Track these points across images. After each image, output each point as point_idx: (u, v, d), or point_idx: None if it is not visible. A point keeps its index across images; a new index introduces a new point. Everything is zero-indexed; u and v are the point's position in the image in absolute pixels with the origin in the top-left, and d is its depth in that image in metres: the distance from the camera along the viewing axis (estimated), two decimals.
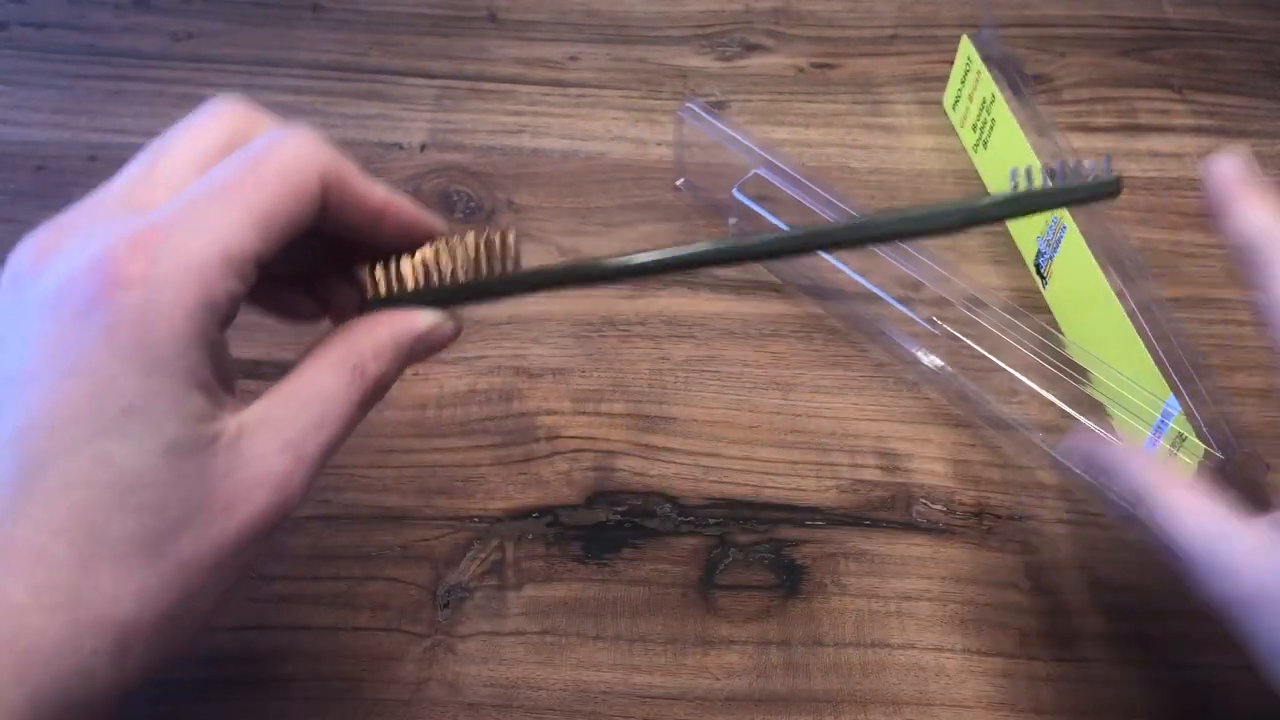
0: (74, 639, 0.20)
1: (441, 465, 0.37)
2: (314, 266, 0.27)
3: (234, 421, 0.22)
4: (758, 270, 0.43)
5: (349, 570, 0.34)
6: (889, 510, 0.36)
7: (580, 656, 0.32)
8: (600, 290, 0.43)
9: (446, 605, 0.33)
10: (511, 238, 0.26)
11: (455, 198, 0.46)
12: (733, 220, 0.45)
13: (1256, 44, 0.55)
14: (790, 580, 0.34)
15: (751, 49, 0.54)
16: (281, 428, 0.22)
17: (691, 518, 0.36)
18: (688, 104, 0.44)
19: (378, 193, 0.24)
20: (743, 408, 0.39)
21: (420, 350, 0.26)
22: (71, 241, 0.21)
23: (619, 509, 0.36)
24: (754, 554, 0.35)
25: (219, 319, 0.21)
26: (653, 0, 0.56)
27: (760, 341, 0.41)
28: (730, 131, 0.42)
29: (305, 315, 0.28)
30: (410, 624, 0.33)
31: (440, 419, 0.38)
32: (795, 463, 0.37)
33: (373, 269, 0.26)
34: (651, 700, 0.31)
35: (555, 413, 0.38)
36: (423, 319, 0.26)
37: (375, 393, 0.25)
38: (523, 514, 0.36)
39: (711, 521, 0.36)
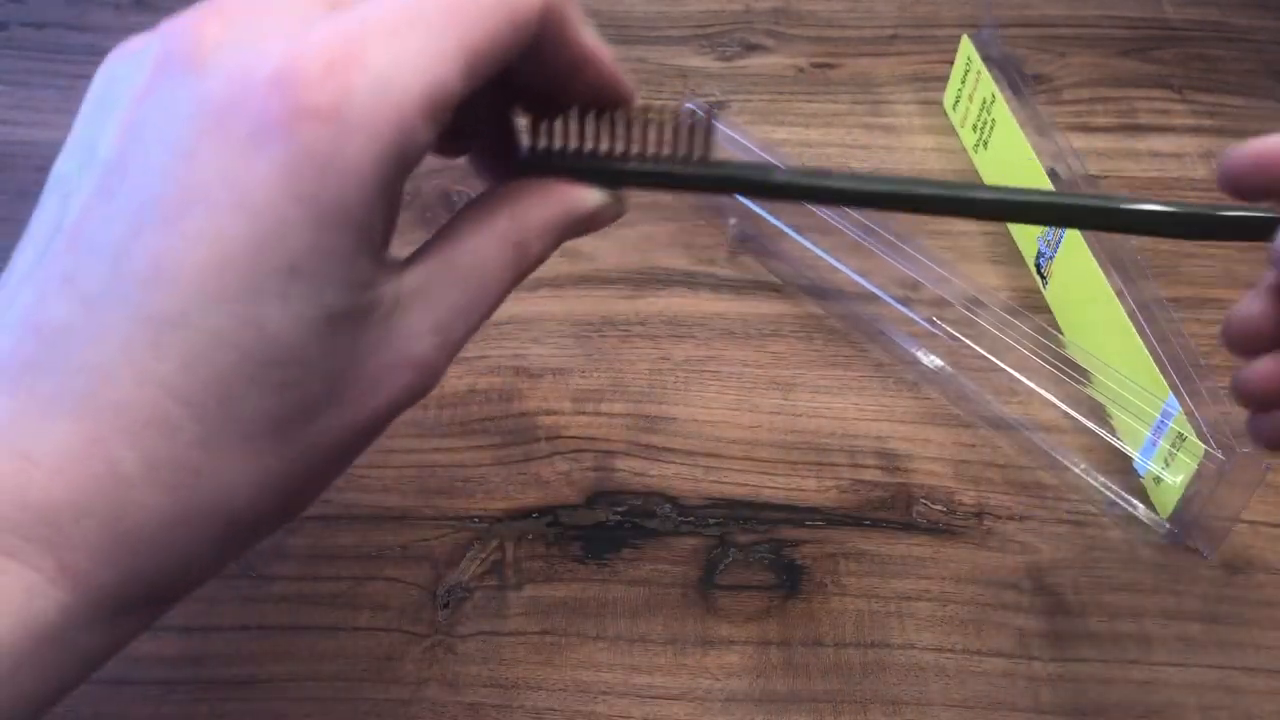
0: (184, 526, 0.17)
1: (441, 465, 0.37)
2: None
3: (391, 290, 0.19)
4: (758, 270, 0.43)
5: (349, 570, 0.34)
6: (889, 510, 0.36)
7: (580, 656, 0.32)
8: (600, 290, 0.43)
9: (446, 605, 0.33)
10: (707, 120, 0.23)
11: (455, 198, 0.46)
12: (733, 220, 0.45)
13: (1257, 44, 0.55)
14: (790, 580, 0.34)
15: (751, 49, 0.54)
16: (436, 303, 0.20)
17: (691, 518, 0.36)
18: (687, 104, 0.44)
19: (588, 38, 0.21)
20: (743, 408, 0.39)
21: (580, 231, 0.23)
22: (246, 33, 0.17)
23: (619, 509, 0.36)
24: (754, 554, 0.35)
25: (406, 170, 0.18)
26: (652, 0, 0.56)
27: (760, 341, 0.41)
28: (730, 132, 0.42)
29: (442, 149, 0.23)
30: (410, 624, 0.33)
31: (440, 419, 0.38)
32: (795, 463, 0.37)
33: (540, 119, 0.22)
34: (651, 700, 0.31)
35: (555, 413, 0.38)
36: (592, 197, 0.22)
37: (528, 273, 0.22)
38: (523, 514, 0.36)
39: (711, 521, 0.36)
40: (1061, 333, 0.40)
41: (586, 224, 0.23)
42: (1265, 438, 0.24)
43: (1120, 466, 0.37)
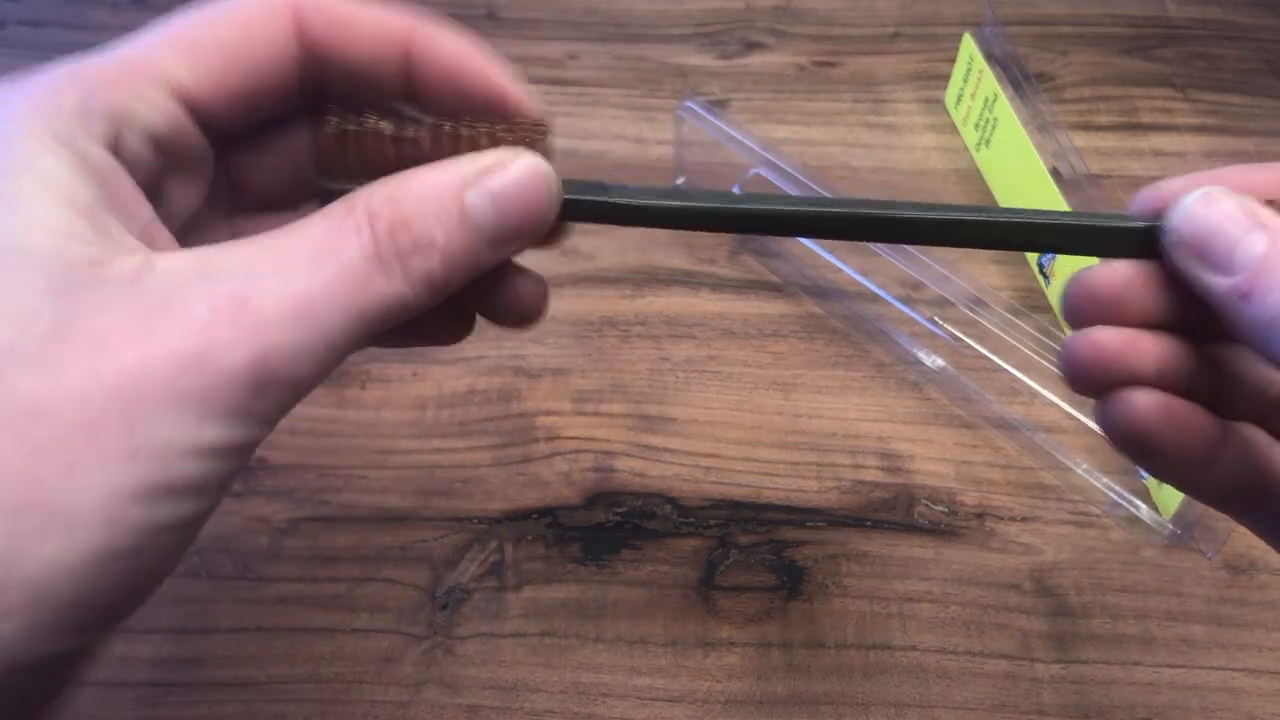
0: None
1: (440, 466, 0.37)
2: None
3: (139, 259, 0.18)
4: (758, 270, 0.43)
5: (347, 571, 0.34)
6: (891, 511, 0.36)
7: (580, 658, 0.32)
8: (600, 290, 0.42)
9: (445, 606, 0.33)
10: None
11: None
12: None
13: (1259, 43, 0.55)
14: (791, 581, 0.34)
15: (752, 47, 0.54)
16: (220, 275, 0.18)
17: (692, 519, 0.35)
18: (688, 103, 0.43)
19: (450, 44, 0.20)
20: (743, 408, 0.39)
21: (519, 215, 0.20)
22: None
23: (619, 510, 0.36)
24: (755, 555, 0.35)
25: (108, 132, 0.18)
26: None
27: (761, 341, 0.41)
28: (731, 130, 0.42)
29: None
30: (409, 625, 0.33)
31: (439, 419, 0.38)
32: (796, 463, 0.37)
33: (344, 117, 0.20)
34: (652, 702, 0.31)
35: (555, 413, 0.38)
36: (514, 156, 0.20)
37: (416, 263, 0.19)
38: (522, 515, 0.35)
39: (712, 522, 0.35)
40: (1064, 332, 0.40)
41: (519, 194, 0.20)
42: (1120, 430, 0.21)
43: (1123, 467, 0.36)
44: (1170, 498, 0.34)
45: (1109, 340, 0.21)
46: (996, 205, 0.46)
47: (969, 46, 0.48)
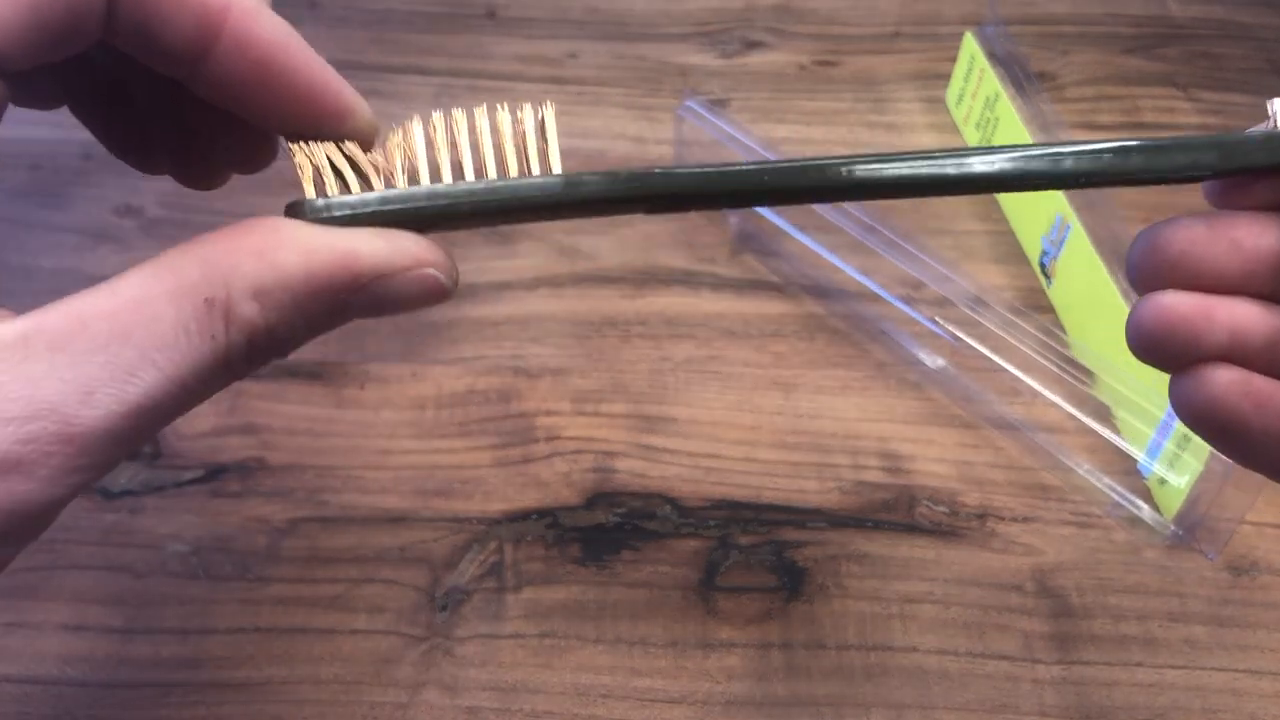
0: None
1: (440, 466, 0.36)
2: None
3: None
4: (759, 269, 0.43)
5: (346, 572, 0.34)
6: (891, 512, 0.36)
7: (580, 659, 0.32)
8: (600, 290, 0.42)
9: (444, 607, 0.33)
10: (547, 117, 0.19)
11: None
12: (733, 219, 0.44)
13: (1261, 42, 0.54)
14: (792, 582, 0.34)
15: (752, 46, 0.54)
16: (41, 375, 0.15)
17: (692, 519, 0.35)
18: (688, 102, 0.43)
19: (270, 28, 0.17)
20: (744, 408, 0.38)
21: (368, 300, 0.18)
22: None
23: (619, 510, 0.36)
24: (755, 556, 0.34)
25: None
26: None
27: (761, 341, 0.41)
28: (731, 130, 0.42)
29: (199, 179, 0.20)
30: (408, 626, 0.32)
31: (438, 419, 0.38)
32: (797, 464, 0.37)
33: (307, 146, 0.18)
34: (652, 703, 0.31)
35: (554, 413, 0.38)
36: (370, 247, 0.17)
37: (250, 353, 0.17)
38: (522, 515, 0.35)
39: (712, 523, 0.35)
40: (1065, 333, 0.40)
41: (373, 288, 0.17)
42: (1194, 405, 0.19)
43: (1125, 468, 0.36)
44: (1172, 498, 0.34)
45: (1180, 305, 0.19)
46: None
47: (970, 45, 0.47)
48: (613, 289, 0.42)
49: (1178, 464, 0.34)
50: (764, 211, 0.42)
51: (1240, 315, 0.19)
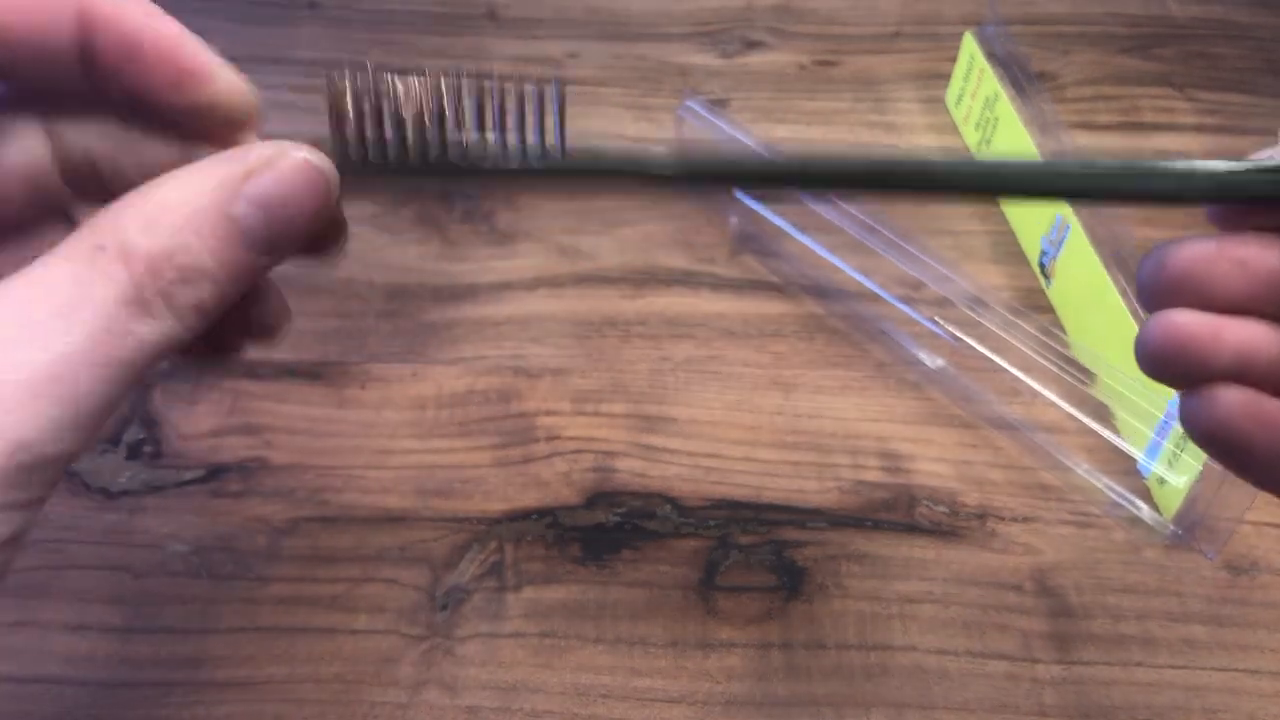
0: None
1: (440, 466, 0.36)
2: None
3: None
4: (759, 270, 0.43)
5: (346, 572, 0.34)
6: (891, 512, 0.36)
7: (580, 659, 0.32)
8: (600, 290, 0.42)
9: (445, 607, 0.33)
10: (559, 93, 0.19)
11: (454, 197, 0.46)
12: (733, 219, 0.44)
13: (1260, 42, 0.54)
14: (792, 582, 0.34)
15: (752, 46, 0.54)
16: None
17: (692, 519, 0.35)
18: (688, 102, 0.43)
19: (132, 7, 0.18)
20: (743, 408, 0.38)
21: (255, 213, 0.17)
22: None
23: (619, 510, 0.36)
24: (755, 555, 0.34)
25: None
26: None
27: (761, 341, 0.41)
28: (731, 130, 0.42)
29: None
30: (408, 626, 0.32)
31: (439, 419, 0.38)
32: (797, 464, 0.37)
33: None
34: (652, 703, 0.31)
35: (555, 413, 0.38)
36: (246, 150, 0.18)
37: (165, 288, 0.17)
38: (522, 515, 0.35)
39: (712, 523, 0.35)
40: (1065, 332, 0.40)
41: (247, 191, 0.17)
42: (1202, 422, 0.20)
43: (1124, 467, 0.36)
44: (1171, 498, 0.34)
45: (1189, 325, 0.19)
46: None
47: (970, 46, 0.47)
48: (613, 289, 0.42)
49: (1177, 464, 0.34)
50: (764, 211, 0.42)
51: (1248, 336, 0.19)
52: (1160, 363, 0.20)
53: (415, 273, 0.43)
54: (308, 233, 0.18)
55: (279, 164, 0.18)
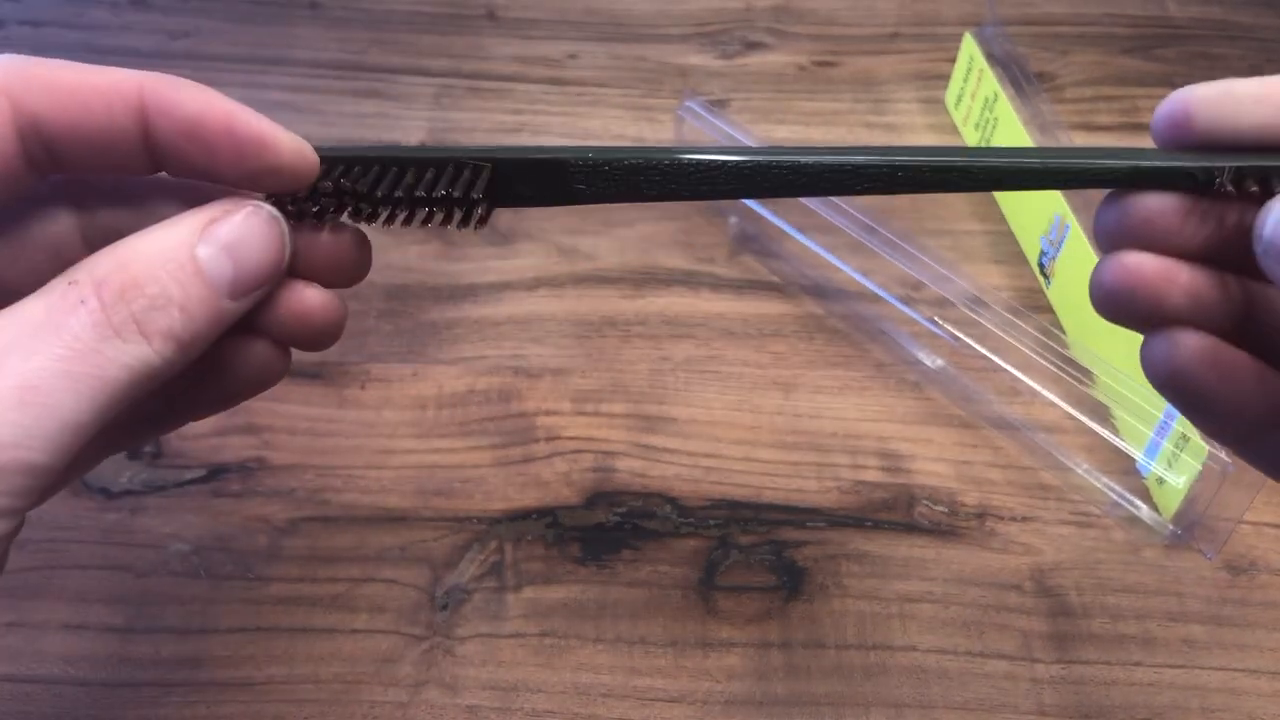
0: None
1: (440, 466, 0.36)
2: None
3: None
4: (758, 270, 0.43)
5: (347, 572, 0.34)
6: (891, 511, 0.36)
7: (580, 659, 0.32)
8: (600, 290, 0.42)
9: (445, 607, 0.33)
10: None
11: None
12: (733, 219, 0.44)
13: (1260, 42, 0.55)
14: (791, 582, 0.34)
15: (752, 47, 0.54)
16: None
17: (692, 519, 0.35)
18: (688, 102, 0.43)
19: (192, 96, 0.19)
20: (743, 408, 0.39)
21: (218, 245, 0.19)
22: None
23: (619, 510, 0.36)
24: (755, 555, 0.35)
25: None
26: None
27: (761, 341, 0.41)
28: (730, 130, 0.42)
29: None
30: (408, 626, 0.32)
31: (439, 419, 0.38)
32: (796, 463, 0.37)
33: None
34: (652, 703, 0.31)
35: (555, 413, 0.38)
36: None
37: (139, 315, 0.18)
38: (522, 515, 0.35)
39: (712, 523, 0.35)
40: (1064, 333, 0.40)
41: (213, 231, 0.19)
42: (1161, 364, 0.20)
43: (1123, 467, 0.36)
44: (1171, 498, 0.34)
45: (1143, 265, 0.19)
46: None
47: (969, 46, 0.48)
48: (612, 289, 0.42)
49: (1176, 464, 0.34)
50: (764, 211, 0.42)
51: (1204, 283, 0.19)
52: (1112, 301, 0.20)
53: (415, 273, 0.43)
54: (269, 276, 0.20)
55: (236, 213, 0.19)
